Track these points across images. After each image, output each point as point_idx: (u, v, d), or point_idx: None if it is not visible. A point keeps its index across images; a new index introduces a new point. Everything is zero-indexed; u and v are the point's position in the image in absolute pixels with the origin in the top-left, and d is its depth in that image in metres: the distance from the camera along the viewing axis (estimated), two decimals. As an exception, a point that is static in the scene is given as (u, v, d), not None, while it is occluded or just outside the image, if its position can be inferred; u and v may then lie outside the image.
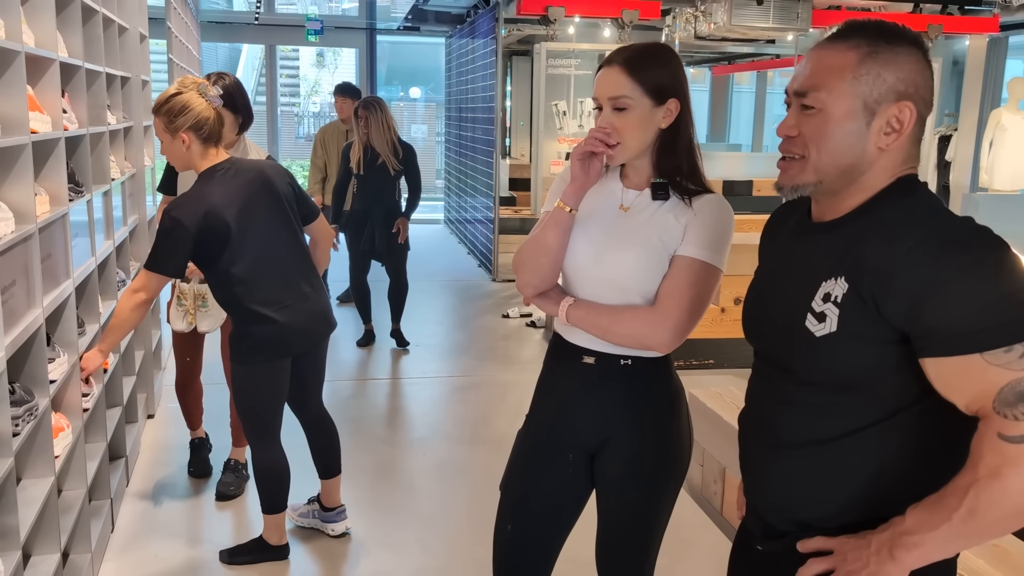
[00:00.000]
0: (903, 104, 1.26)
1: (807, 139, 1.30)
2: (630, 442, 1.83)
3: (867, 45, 1.27)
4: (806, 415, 1.32)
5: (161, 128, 2.65)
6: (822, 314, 1.26)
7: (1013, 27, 8.91)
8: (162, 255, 2.60)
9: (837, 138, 1.28)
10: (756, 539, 1.45)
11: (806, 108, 1.30)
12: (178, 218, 2.57)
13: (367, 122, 5.25)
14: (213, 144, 2.70)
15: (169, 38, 5.73)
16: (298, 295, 2.80)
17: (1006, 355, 1.12)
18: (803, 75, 1.32)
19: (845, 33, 1.30)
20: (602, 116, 1.75)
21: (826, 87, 1.28)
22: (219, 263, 2.67)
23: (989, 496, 1.13)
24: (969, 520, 1.15)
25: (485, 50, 8.42)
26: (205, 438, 3.78)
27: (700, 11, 7.39)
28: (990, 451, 1.13)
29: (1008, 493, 1.12)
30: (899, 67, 1.26)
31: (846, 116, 1.27)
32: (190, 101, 2.62)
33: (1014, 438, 1.12)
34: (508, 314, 6.68)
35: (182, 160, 2.71)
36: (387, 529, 3.31)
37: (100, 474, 3.03)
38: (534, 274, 1.80)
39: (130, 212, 3.92)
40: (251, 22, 11.46)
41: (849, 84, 1.27)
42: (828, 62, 1.29)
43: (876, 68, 1.26)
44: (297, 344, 2.85)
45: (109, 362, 3.21)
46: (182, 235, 2.56)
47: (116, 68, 3.58)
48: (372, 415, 4.58)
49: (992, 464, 1.13)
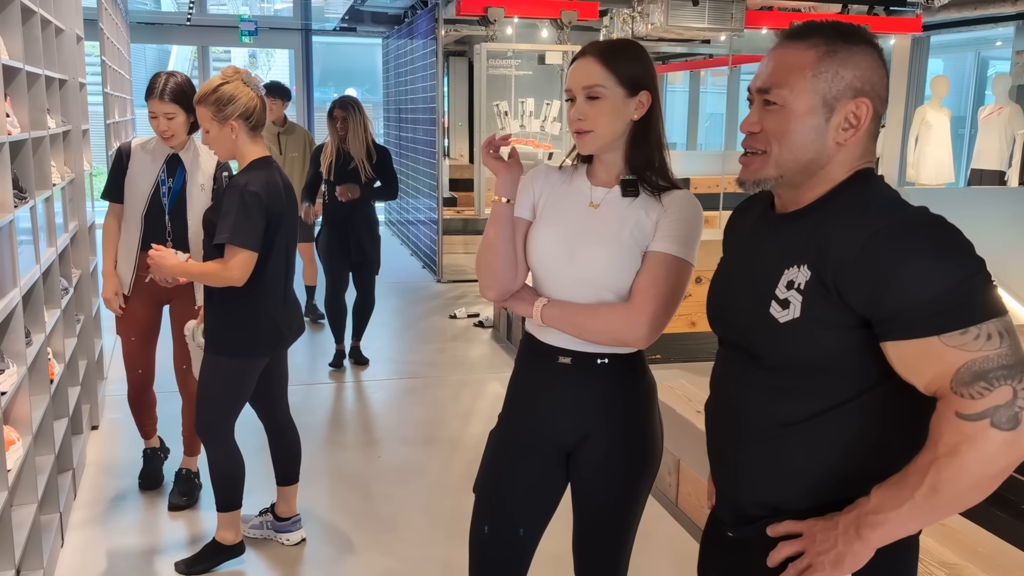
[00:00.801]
0: (860, 100, 1.32)
1: (769, 135, 1.35)
2: (608, 440, 1.86)
3: (826, 44, 1.32)
4: (772, 399, 1.36)
5: (208, 118, 2.68)
6: (786, 301, 1.31)
7: (935, 27, 9.25)
8: (252, 229, 2.64)
9: (798, 133, 1.33)
10: (727, 526, 1.49)
11: (768, 104, 1.35)
12: (257, 192, 2.64)
13: (344, 123, 4.89)
14: (258, 132, 2.77)
15: (102, 39, 5.58)
16: (292, 295, 2.94)
17: (962, 337, 1.17)
18: (765, 73, 1.36)
19: (804, 33, 1.35)
20: (575, 106, 1.77)
21: (787, 84, 1.33)
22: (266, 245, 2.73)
23: (948, 473, 1.18)
24: (931, 497, 1.20)
25: (424, 51, 8.39)
26: (159, 446, 3.69)
27: (637, 12, 7.50)
28: (948, 430, 1.18)
29: (966, 469, 1.17)
30: (856, 65, 1.32)
31: (806, 112, 1.32)
32: (237, 89, 2.68)
33: (971, 416, 1.17)
34: (456, 314, 6.68)
35: (228, 149, 2.75)
36: (346, 534, 3.29)
37: (49, 488, 2.94)
38: (488, 275, 1.83)
39: (71, 218, 3.81)
40: (183, 23, 11.23)
41: (809, 81, 1.32)
42: (789, 60, 1.34)
43: (834, 66, 1.31)
44: (287, 342, 2.95)
45: (55, 372, 3.13)
46: (260, 208, 2.65)
47: (54, 70, 3.49)
48: (323, 420, 4.54)
49: (951, 442, 1.18)
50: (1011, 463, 1.17)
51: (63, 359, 3.32)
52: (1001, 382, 1.16)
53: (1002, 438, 1.15)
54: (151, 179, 3.23)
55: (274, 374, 3.01)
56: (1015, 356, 1.17)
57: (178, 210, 3.25)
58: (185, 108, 3.14)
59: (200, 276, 2.78)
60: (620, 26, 7.74)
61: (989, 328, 1.17)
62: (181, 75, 3.18)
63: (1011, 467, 1.18)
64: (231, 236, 2.61)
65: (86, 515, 3.35)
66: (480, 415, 4.59)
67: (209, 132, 2.71)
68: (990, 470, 1.17)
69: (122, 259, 3.30)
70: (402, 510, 3.49)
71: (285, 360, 3.08)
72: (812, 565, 1.29)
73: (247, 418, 2.97)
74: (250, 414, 3.04)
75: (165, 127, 3.14)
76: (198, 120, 2.72)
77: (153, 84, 3.13)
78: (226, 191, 2.71)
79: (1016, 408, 1.15)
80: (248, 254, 2.64)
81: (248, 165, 2.75)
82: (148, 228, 3.24)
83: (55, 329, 3.27)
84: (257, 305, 2.77)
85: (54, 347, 3.29)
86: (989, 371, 1.16)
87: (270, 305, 2.80)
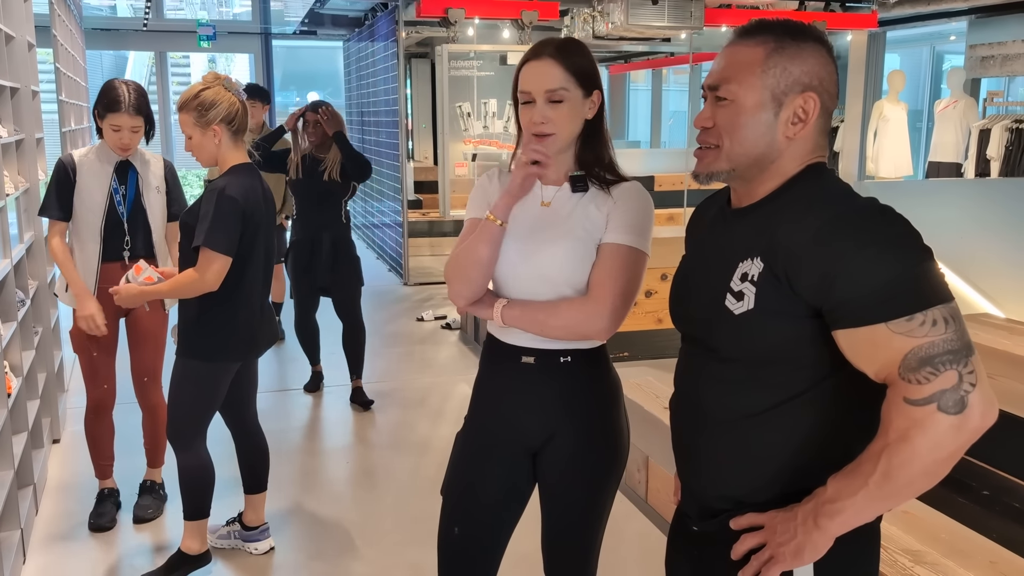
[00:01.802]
0: (808, 95, 1.34)
1: (721, 129, 1.38)
2: (573, 438, 1.86)
3: (774, 41, 1.35)
4: (731, 392, 1.38)
5: (191, 123, 2.67)
6: (740, 293, 1.33)
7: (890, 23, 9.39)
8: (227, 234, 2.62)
9: (748, 127, 1.36)
10: (692, 520, 1.50)
11: (720, 100, 1.38)
12: (234, 197, 2.63)
13: (316, 128, 4.48)
14: (240, 138, 2.75)
15: (55, 46, 5.49)
16: (267, 304, 2.92)
17: (908, 323, 1.20)
18: (717, 70, 1.40)
19: (754, 31, 1.39)
20: (536, 109, 1.75)
21: (736, 80, 1.36)
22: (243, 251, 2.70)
23: (900, 459, 1.20)
24: (884, 484, 1.21)
25: (385, 53, 8.36)
26: (116, 490, 3.43)
27: (597, 11, 7.53)
28: (897, 415, 1.20)
29: (916, 454, 1.19)
30: (803, 61, 1.35)
31: (756, 107, 1.35)
32: (218, 94, 2.68)
33: (918, 401, 1.19)
34: (423, 317, 6.66)
35: (210, 155, 2.73)
36: (315, 540, 3.26)
37: (9, 504, 2.89)
38: (466, 286, 1.80)
39: (26, 229, 3.75)
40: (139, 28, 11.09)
41: (758, 77, 1.35)
42: (739, 58, 1.37)
43: (783, 62, 1.34)
44: (261, 348, 2.93)
45: (12, 386, 3.07)
46: (237, 212, 2.64)
47: (5, 78, 3.42)
48: (290, 426, 4.50)
49: (900, 428, 1.20)
50: (960, 447, 1.19)
51: (21, 372, 3.26)
52: (947, 367, 1.18)
53: (949, 422, 1.17)
54: (104, 189, 3.14)
55: (243, 380, 2.99)
56: (960, 341, 1.19)
57: (136, 216, 3.19)
58: (147, 119, 3.10)
59: (172, 292, 2.74)
60: (581, 25, 7.77)
61: (935, 314, 1.19)
62: (136, 83, 3.12)
63: (961, 451, 1.20)
64: (206, 239, 2.60)
65: (49, 530, 3.29)
66: (448, 418, 4.58)
67: (192, 138, 2.70)
68: (940, 454, 1.19)
69: (80, 274, 3.13)
70: (371, 515, 3.47)
71: (255, 367, 3.06)
72: (774, 557, 1.31)
73: (214, 426, 2.93)
74: (217, 422, 3.00)
75: (128, 141, 3.08)
76: (180, 126, 2.70)
77: (116, 96, 3.03)
78: (205, 195, 2.69)
79: (962, 392, 1.17)
80: (223, 259, 2.62)
81: (229, 170, 2.73)
82: (106, 240, 3.16)
83: (11, 342, 3.21)
84: (233, 311, 2.74)
85: (11, 360, 3.23)
86: (935, 356, 1.18)
87: (246, 311, 2.78)
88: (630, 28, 7.30)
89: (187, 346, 2.77)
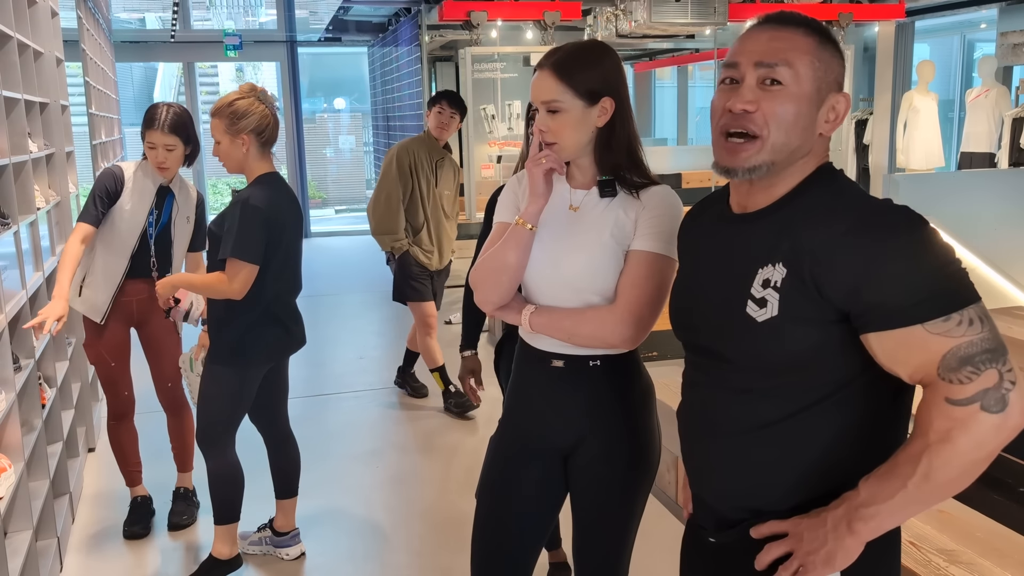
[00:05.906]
0: (842, 95, 1.32)
1: (768, 116, 1.29)
2: (603, 442, 1.84)
3: (817, 35, 1.32)
4: (749, 401, 1.35)
5: (221, 130, 2.73)
6: (763, 299, 1.29)
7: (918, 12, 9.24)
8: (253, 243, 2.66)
9: (799, 118, 1.29)
10: (708, 532, 1.46)
11: (771, 83, 1.29)
12: (258, 207, 2.67)
13: None
14: (269, 149, 2.80)
15: (84, 60, 5.57)
16: (294, 307, 2.97)
17: (944, 324, 1.18)
18: (765, 49, 1.30)
19: (792, 20, 1.32)
20: (538, 118, 1.77)
21: (793, 65, 1.28)
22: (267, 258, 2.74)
23: (942, 459, 1.18)
24: (923, 485, 1.19)
25: (409, 57, 8.39)
26: (149, 498, 3.47)
27: (620, 10, 7.49)
28: (938, 416, 1.18)
29: (959, 454, 1.17)
30: (838, 62, 1.33)
31: (808, 97, 1.29)
32: (252, 105, 2.74)
33: (960, 401, 1.17)
34: (451, 320, 6.66)
35: (237, 162, 2.78)
36: (346, 545, 3.28)
37: (45, 513, 2.94)
38: (494, 291, 1.79)
39: (58, 242, 3.80)
40: (167, 40, 11.22)
41: (811, 67, 1.29)
42: (794, 43, 1.30)
43: (828, 57, 1.31)
44: (287, 352, 2.98)
45: (47, 397, 3.12)
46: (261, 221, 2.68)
47: (34, 94, 3.48)
48: (321, 431, 4.52)
49: (942, 428, 1.18)
50: (998, 445, 1.19)
51: (55, 383, 3.31)
52: (987, 365, 1.17)
53: (992, 421, 1.16)
54: (145, 209, 3.19)
55: (274, 385, 3.02)
56: (995, 339, 1.18)
57: (162, 241, 3.24)
58: (184, 140, 3.13)
59: (202, 287, 2.81)
60: (604, 24, 7.74)
61: (970, 313, 1.18)
62: (179, 106, 3.17)
63: (998, 449, 1.19)
64: (232, 250, 2.64)
65: (85, 538, 3.34)
66: (479, 421, 4.58)
67: (220, 144, 2.75)
68: (980, 453, 1.18)
69: (100, 285, 3.17)
70: (402, 519, 3.48)
71: (286, 372, 3.09)
72: (804, 566, 1.28)
73: (245, 432, 2.97)
74: (248, 428, 3.03)
75: (163, 158, 3.12)
76: (211, 131, 2.75)
77: (153, 115, 3.11)
78: (230, 205, 2.74)
79: (1003, 390, 1.16)
80: (250, 267, 2.66)
81: (255, 180, 2.78)
82: (135, 257, 3.20)
83: (45, 354, 3.26)
84: (257, 315, 2.78)
85: (45, 372, 3.28)
86: (974, 355, 1.17)
87: (270, 315, 2.81)
88: (653, 26, 7.24)
89: (214, 350, 2.81)
